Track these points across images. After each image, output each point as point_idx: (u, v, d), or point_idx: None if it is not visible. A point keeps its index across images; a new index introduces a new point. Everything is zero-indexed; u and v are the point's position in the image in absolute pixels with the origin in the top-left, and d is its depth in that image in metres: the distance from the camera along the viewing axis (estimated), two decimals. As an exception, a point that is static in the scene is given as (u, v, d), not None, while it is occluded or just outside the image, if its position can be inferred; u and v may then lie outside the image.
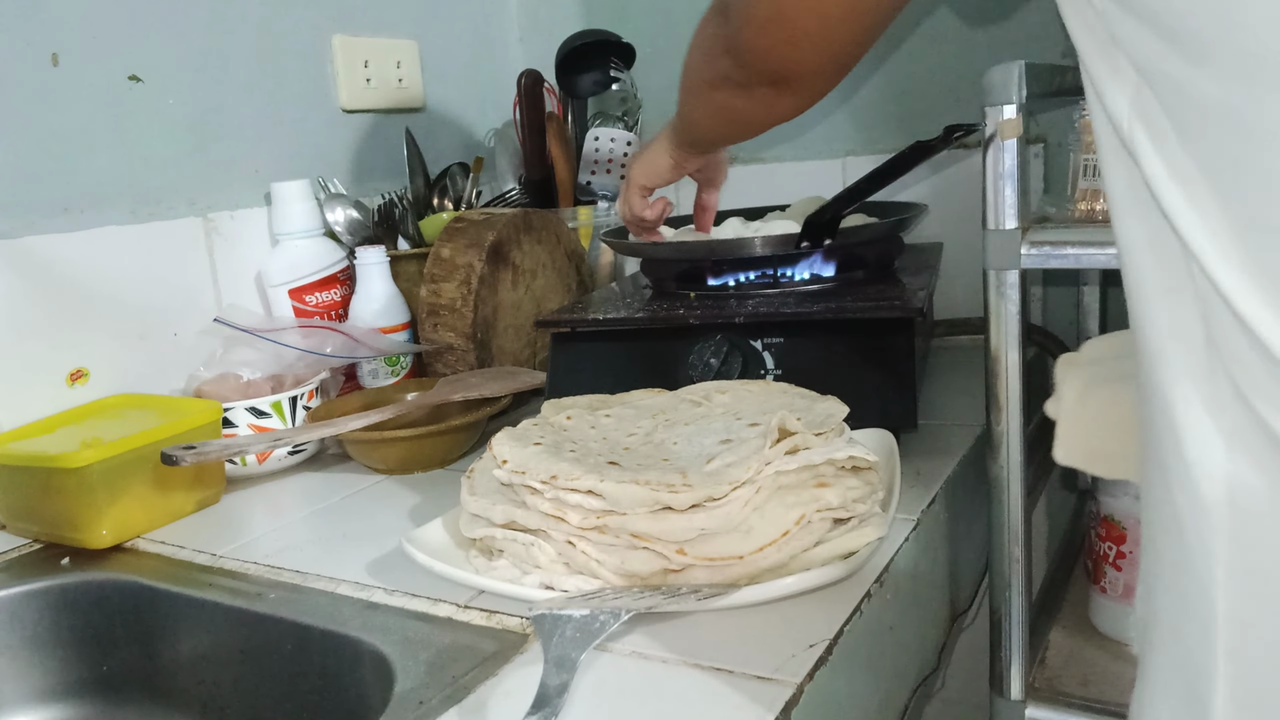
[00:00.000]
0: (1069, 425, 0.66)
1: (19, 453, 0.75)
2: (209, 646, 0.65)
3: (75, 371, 0.86)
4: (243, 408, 0.84)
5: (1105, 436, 0.65)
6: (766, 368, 0.79)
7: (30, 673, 0.69)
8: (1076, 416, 0.66)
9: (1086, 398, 0.65)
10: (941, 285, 1.05)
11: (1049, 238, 0.63)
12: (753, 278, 0.89)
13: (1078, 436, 0.66)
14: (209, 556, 0.70)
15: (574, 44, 1.17)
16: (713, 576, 0.56)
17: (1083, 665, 0.74)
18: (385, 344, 0.98)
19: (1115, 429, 0.64)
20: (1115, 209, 0.35)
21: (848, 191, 0.81)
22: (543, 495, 0.58)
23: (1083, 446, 0.66)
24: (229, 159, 1.00)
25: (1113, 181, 0.34)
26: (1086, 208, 0.71)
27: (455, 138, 1.26)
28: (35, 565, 0.72)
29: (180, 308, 0.94)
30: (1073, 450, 0.67)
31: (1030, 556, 0.69)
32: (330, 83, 1.10)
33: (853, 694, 0.55)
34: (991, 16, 1.07)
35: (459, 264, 0.94)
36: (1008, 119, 0.61)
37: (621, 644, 0.53)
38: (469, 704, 0.49)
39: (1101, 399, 0.65)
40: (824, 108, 1.17)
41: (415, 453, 0.84)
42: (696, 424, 0.65)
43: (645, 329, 0.84)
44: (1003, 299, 0.64)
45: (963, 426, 0.83)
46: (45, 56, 0.85)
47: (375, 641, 0.56)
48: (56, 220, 0.86)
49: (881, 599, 0.58)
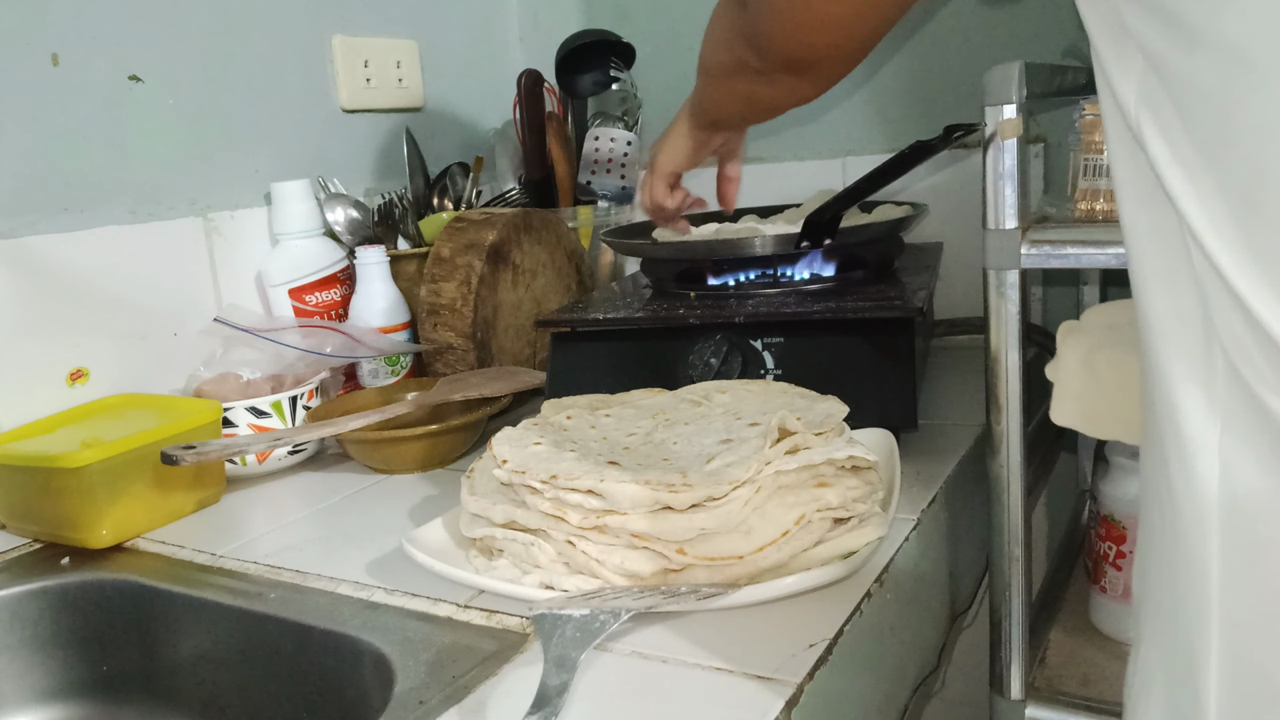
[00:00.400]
0: (1069, 387, 0.67)
1: (19, 453, 0.75)
2: (209, 646, 0.65)
3: (75, 371, 0.86)
4: (243, 408, 0.84)
5: (1104, 399, 0.66)
6: (766, 368, 0.79)
7: (30, 673, 0.69)
8: (1078, 378, 0.66)
9: (1089, 361, 0.66)
10: (941, 285, 1.06)
11: (1049, 238, 0.63)
12: (753, 277, 0.89)
13: (1077, 398, 0.67)
14: (209, 556, 0.70)
15: (574, 44, 1.17)
16: (713, 576, 0.56)
17: (1083, 665, 0.74)
18: (385, 344, 0.98)
19: (1115, 392, 0.65)
20: (1121, 194, 0.36)
21: (848, 191, 0.81)
22: (543, 495, 0.58)
23: (1081, 408, 0.67)
24: (229, 159, 1.00)
25: (1119, 168, 0.35)
26: (1086, 208, 0.71)
27: (455, 138, 1.26)
28: (35, 565, 0.72)
29: (180, 308, 0.94)
30: (1070, 411, 0.67)
31: (1030, 556, 0.69)
32: (330, 83, 1.10)
33: (853, 694, 0.55)
34: (991, 16, 1.07)
35: (459, 264, 0.94)
36: (1008, 119, 0.61)
37: (621, 644, 0.53)
38: (469, 704, 0.49)
39: (1104, 363, 0.65)
40: (824, 107, 1.17)
41: (415, 453, 0.84)
42: (696, 424, 0.65)
43: (645, 329, 0.84)
44: (1003, 299, 0.64)
45: (963, 426, 0.83)
46: (45, 56, 0.85)
47: (375, 641, 0.56)
48: (56, 220, 0.86)
49: (881, 599, 0.58)
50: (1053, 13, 1.03)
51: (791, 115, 1.19)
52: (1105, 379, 0.66)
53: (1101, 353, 0.66)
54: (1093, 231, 0.64)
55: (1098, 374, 0.66)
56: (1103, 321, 0.71)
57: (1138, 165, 0.34)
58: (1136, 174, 0.34)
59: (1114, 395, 0.65)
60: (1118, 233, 0.62)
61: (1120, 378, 0.65)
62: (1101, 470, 0.77)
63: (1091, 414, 0.67)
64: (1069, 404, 0.67)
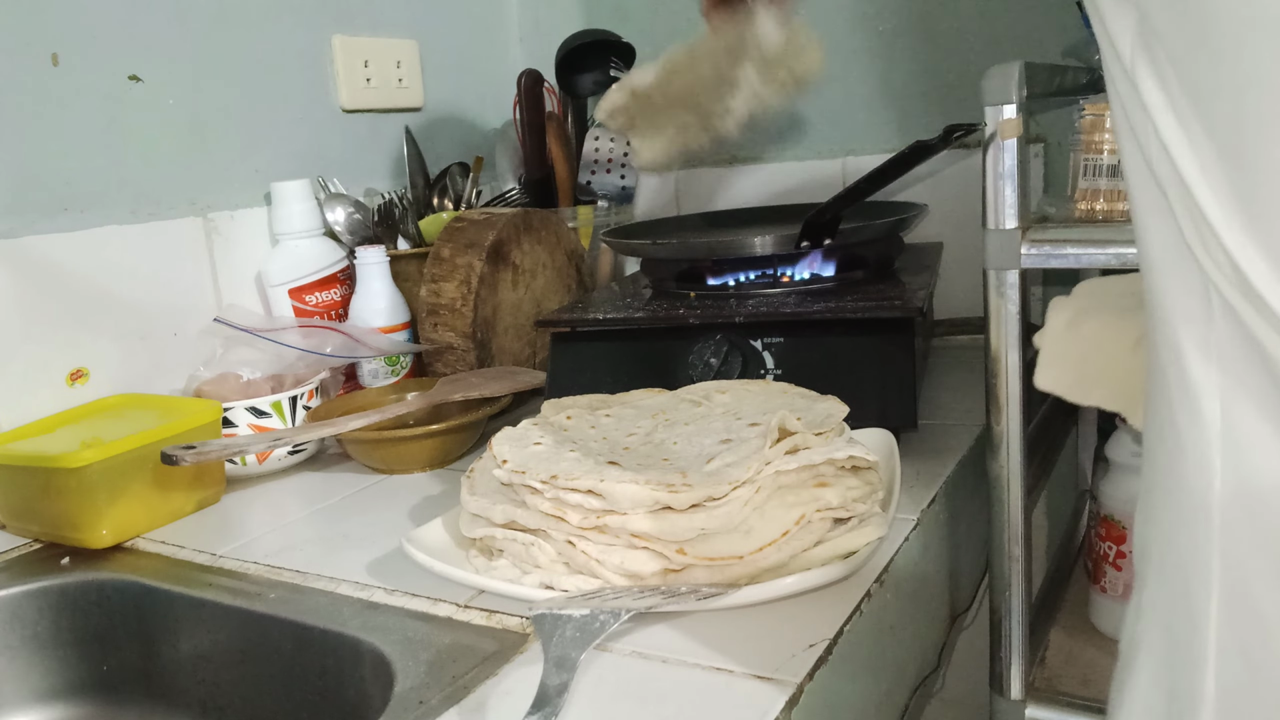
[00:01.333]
0: (1053, 351, 0.66)
1: (19, 453, 0.75)
2: (209, 646, 0.65)
3: (75, 371, 0.86)
4: (243, 408, 0.84)
5: (1089, 363, 0.65)
6: (766, 367, 0.79)
7: (30, 673, 0.69)
8: (1062, 342, 0.66)
9: (1074, 325, 0.65)
10: (941, 285, 1.05)
11: (1049, 238, 0.63)
12: (753, 277, 0.89)
13: (1061, 362, 0.66)
14: (209, 556, 0.70)
15: (574, 44, 1.17)
16: (713, 576, 0.56)
17: (1083, 665, 0.74)
18: (385, 344, 0.98)
19: (1100, 357, 0.64)
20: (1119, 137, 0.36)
21: (847, 191, 0.81)
22: (543, 495, 0.58)
23: (1065, 373, 0.66)
24: (229, 159, 1.00)
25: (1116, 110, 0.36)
26: (1086, 208, 0.71)
27: (455, 138, 1.26)
28: (35, 565, 0.72)
29: (180, 308, 0.94)
30: (1054, 376, 0.66)
31: (1030, 556, 0.69)
32: (330, 83, 1.10)
33: (853, 694, 0.55)
34: (991, 16, 1.07)
35: (459, 264, 0.94)
36: (1008, 119, 0.61)
37: (621, 644, 0.53)
38: (469, 704, 0.49)
39: (1089, 327, 0.65)
40: (824, 107, 1.17)
41: (415, 453, 0.84)
42: (696, 424, 0.65)
43: (645, 329, 0.84)
44: (1003, 299, 0.64)
45: (963, 426, 0.83)
46: (45, 56, 0.85)
47: (375, 641, 0.56)
48: (56, 220, 0.86)
49: (881, 599, 0.58)
50: (1053, 13, 1.03)
51: (792, 115, 1.19)
52: (1090, 343, 0.64)
53: (1087, 317, 0.65)
54: (1093, 231, 0.64)
55: (1083, 338, 0.65)
56: (1092, 290, 0.70)
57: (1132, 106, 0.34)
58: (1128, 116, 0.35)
59: (1099, 360, 0.64)
60: (1118, 232, 0.62)
61: (1105, 342, 0.64)
62: (1101, 470, 0.77)
63: (1076, 379, 0.65)
64: (1052, 369, 0.66)
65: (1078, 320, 0.65)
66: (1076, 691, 0.71)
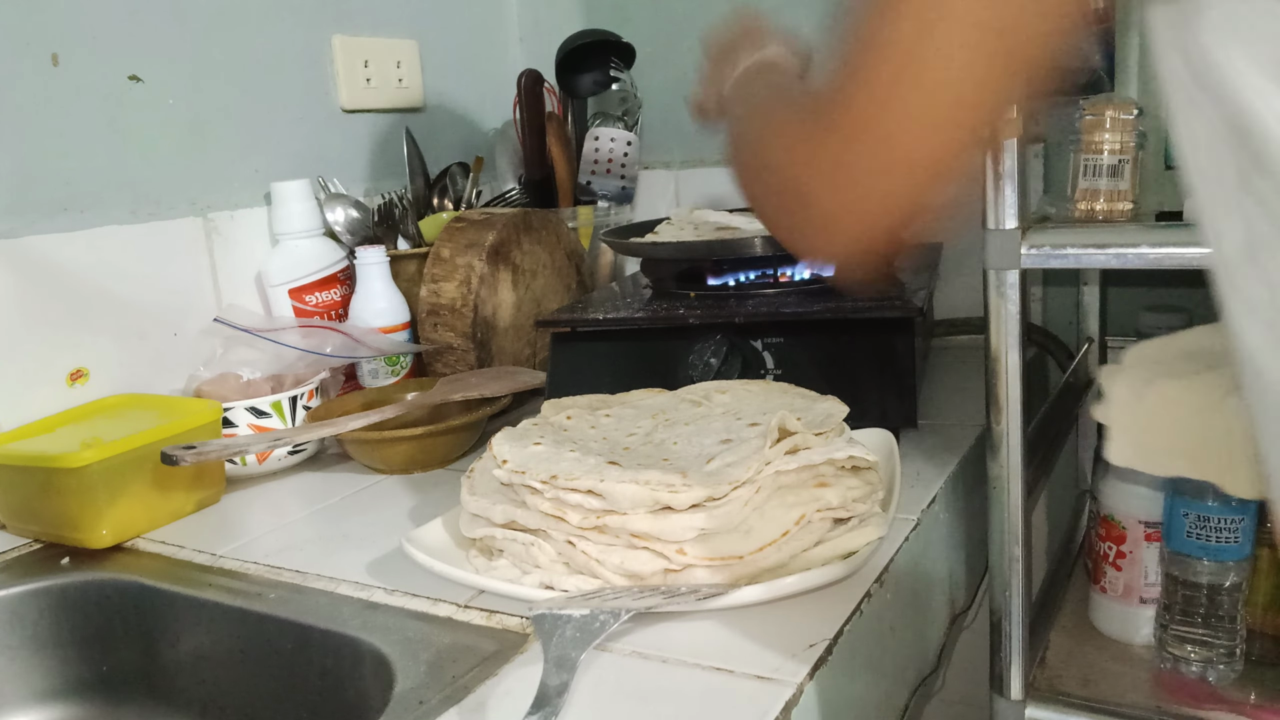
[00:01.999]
0: (1123, 424, 0.66)
1: (19, 453, 0.75)
2: (209, 646, 0.65)
3: (75, 371, 0.86)
4: (243, 408, 0.84)
5: (1159, 433, 0.65)
6: (766, 368, 0.79)
7: (30, 673, 0.69)
8: (1132, 413, 0.66)
9: (1141, 396, 0.65)
10: (941, 285, 1.05)
11: (1049, 238, 0.63)
12: (753, 277, 0.89)
13: (1131, 435, 0.66)
14: (209, 556, 0.70)
15: (574, 44, 1.17)
16: (713, 576, 0.56)
17: (1083, 665, 0.74)
18: (385, 344, 0.98)
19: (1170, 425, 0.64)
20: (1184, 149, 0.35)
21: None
22: (543, 495, 0.58)
23: (1137, 445, 0.66)
24: (229, 159, 1.00)
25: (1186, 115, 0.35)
26: (1086, 208, 0.71)
27: (455, 138, 1.26)
28: (35, 565, 0.72)
29: (180, 308, 0.94)
30: (1127, 449, 0.66)
31: (1030, 556, 0.69)
32: (330, 83, 1.10)
33: (852, 694, 0.55)
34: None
35: (459, 264, 0.94)
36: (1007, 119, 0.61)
37: (621, 644, 0.53)
38: (469, 704, 0.49)
39: (1155, 397, 0.65)
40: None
41: (415, 453, 0.84)
42: (696, 424, 0.65)
43: (645, 329, 0.84)
44: (1003, 299, 0.64)
45: (963, 426, 0.83)
46: (45, 56, 0.85)
47: (375, 641, 0.56)
48: (56, 220, 0.86)
49: (881, 599, 0.58)
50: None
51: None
52: (1158, 413, 0.65)
53: (1151, 387, 0.65)
54: (1093, 232, 0.64)
55: (1150, 408, 0.65)
56: (1145, 357, 0.70)
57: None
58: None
59: (1169, 428, 0.64)
60: (1118, 233, 0.63)
61: (1173, 409, 0.64)
62: (1101, 470, 0.77)
63: (1149, 449, 0.66)
64: (1124, 442, 0.66)
65: (1142, 391, 0.65)
66: (1076, 691, 0.71)
